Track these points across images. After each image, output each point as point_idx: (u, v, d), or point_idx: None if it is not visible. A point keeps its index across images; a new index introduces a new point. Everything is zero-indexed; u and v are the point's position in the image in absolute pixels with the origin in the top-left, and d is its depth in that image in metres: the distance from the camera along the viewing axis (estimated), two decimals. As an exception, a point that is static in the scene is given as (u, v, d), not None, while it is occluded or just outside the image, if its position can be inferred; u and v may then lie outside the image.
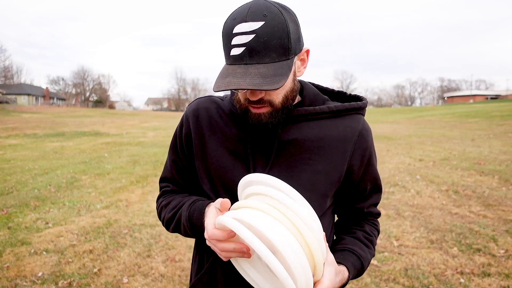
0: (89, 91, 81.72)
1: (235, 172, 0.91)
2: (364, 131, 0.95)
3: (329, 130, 0.92)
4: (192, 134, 0.98)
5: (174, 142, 1.03)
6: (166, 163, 1.07)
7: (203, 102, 1.01)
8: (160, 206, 1.03)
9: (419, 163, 8.09)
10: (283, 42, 0.78)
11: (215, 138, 0.95)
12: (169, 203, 1.00)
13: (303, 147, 0.90)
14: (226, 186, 0.92)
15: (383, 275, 3.05)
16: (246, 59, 0.78)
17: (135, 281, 3.05)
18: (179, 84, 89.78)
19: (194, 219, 0.88)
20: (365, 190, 0.99)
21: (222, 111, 0.98)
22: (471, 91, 73.81)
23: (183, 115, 1.03)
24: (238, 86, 0.75)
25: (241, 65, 0.78)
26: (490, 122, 16.91)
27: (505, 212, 4.55)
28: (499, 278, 2.95)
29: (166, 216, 0.98)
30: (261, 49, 0.77)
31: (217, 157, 0.94)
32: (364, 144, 0.95)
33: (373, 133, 1.04)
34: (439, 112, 28.37)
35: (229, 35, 0.79)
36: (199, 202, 0.90)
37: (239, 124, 0.94)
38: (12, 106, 37.17)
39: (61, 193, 6.01)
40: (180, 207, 0.95)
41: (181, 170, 1.02)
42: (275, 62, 0.78)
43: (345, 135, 0.92)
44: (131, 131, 18.46)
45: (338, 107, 0.93)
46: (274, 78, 0.76)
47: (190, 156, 1.00)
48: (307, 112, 0.92)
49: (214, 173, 0.94)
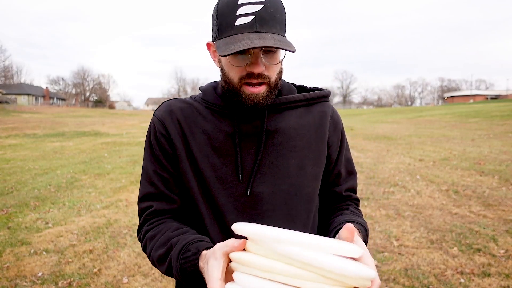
0: (89, 91, 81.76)
1: (225, 169, 0.90)
2: (334, 114, 1.01)
3: (306, 117, 0.97)
4: (171, 135, 0.91)
5: (150, 151, 0.94)
6: (144, 179, 0.94)
7: (174, 103, 0.95)
8: (145, 238, 0.91)
9: (419, 163, 8.09)
10: (282, 18, 0.83)
11: (197, 138, 0.91)
12: (155, 237, 0.88)
13: (288, 135, 0.93)
14: (216, 185, 0.90)
15: (383, 275, 3.05)
16: (256, 27, 0.78)
17: (135, 281, 3.05)
18: (179, 84, 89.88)
19: (187, 273, 0.77)
20: (340, 173, 1.01)
21: (197, 110, 0.94)
22: (471, 91, 73.81)
23: (151, 120, 0.95)
24: (262, 44, 0.74)
25: (251, 32, 0.78)
26: (490, 122, 16.91)
27: (505, 212, 4.55)
28: (499, 278, 2.95)
29: (153, 254, 0.86)
30: (269, 19, 0.79)
31: (203, 157, 0.90)
32: (337, 126, 1.01)
33: (373, 133, 1.05)
34: (439, 112, 28.37)
35: (233, 6, 0.79)
36: (191, 249, 0.78)
37: (220, 119, 0.92)
38: (12, 106, 37.17)
39: (61, 193, 6.01)
40: (168, 251, 0.83)
41: (166, 180, 0.92)
42: (279, 34, 0.81)
43: (320, 119, 0.98)
44: (131, 131, 18.46)
45: (311, 95, 0.99)
46: (287, 43, 0.79)
47: (173, 161, 0.92)
48: (288, 100, 0.95)
49: (203, 173, 0.90)
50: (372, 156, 9.29)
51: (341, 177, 1.01)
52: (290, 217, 0.92)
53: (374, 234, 3.99)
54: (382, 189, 5.91)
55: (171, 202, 0.93)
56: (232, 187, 0.90)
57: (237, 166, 0.90)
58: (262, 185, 0.90)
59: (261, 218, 0.90)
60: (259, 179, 0.90)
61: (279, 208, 0.91)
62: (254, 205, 0.90)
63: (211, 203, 0.91)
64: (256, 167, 0.89)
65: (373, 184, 6.26)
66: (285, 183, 0.91)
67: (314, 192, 0.96)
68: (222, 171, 0.90)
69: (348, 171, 1.04)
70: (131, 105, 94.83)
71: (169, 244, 0.83)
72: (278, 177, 0.91)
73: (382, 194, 5.64)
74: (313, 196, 0.96)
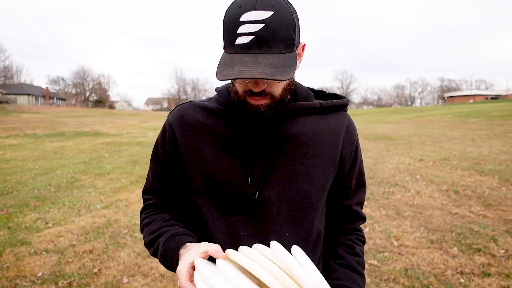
0: (89, 91, 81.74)
1: (233, 171, 0.90)
2: (350, 125, 0.99)
3: (321, 124, 0.95)
4: (178, 141, 0.94)
5: (156, 152, 1.00)
6: (148, 174, 1.04)
7: (186, 108, 0.97)
8: (142, 223, 1.01)
9: (419, 163, 8.09)
10: (289, 33, 0.78)
11: (207, 140, 0.92)
12: (150, 224, 0.97)
13: (300, 141, 0.92)
14: (224, 186, 0.91)
15: (383, 275, 3.05)
16: (255, 48, 0.75)
17: (135, 281, 3.05)
18: (179, 84, 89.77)
19: (168, 258, 0.86)
20: (352, 185, 1.01)
21: (209, 112, 0.95)
22: (471, 91, 73.79)
23: (164, 123, 0.99)
24: (251, 75, 0.72)
25: (249, 54, 0.75)
26: (490, 122, 16.90)
27: (505, 212, 4.55)
28: (499, 278, 2.95)
29: (146, 238, 0.96)
30: (270, 39, 0.75)
31: (213, 159, 0.91)
32: (352, 137, 0.99)
33: (373, 133, 1.05)
34: (439, 112, 28.37)
35: (235, 23, 0.76)
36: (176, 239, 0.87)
37: (232, 121, 0.92)
38: (12, 106, 37.17)
39: (61, 193, 6.01)
40: (158, 236, 0.92)
41: (164, 181, 0.99)
42: (282, 53, 0.77)
43: (335, 128, 0.96)
44: (131, 131, 18.45)
45: (328, 104, 0.96)
46: (284, 68, 0.75)
47: (175, 165, 0.96)
48: (303, 106, 0.94)
49: (212, 175, 0.91)
50: (372, 156, 9.29)
51: (351, 189, 1.01)
52: (294, 223, 0.92)
53: (374, 234, 3.99)
54: (382, 189, 5.91)
55: (166, 201, 1.01)
56: (240, 189, 0.90)
57: (246, 168, 0.90)
58: (270, 189, 0.90)
59: (266, 222, 0.90)
60: (268, 183, 0.90)
61: (284, 214, 0.91)
62: (261, 209, 0.90)
63: (218, 203, 0.91)
64: (267, 171, 0.89)
65: (373, 184, 6.26)
66: (291, 190, 0.91)
67: (319, 201, 0.95)
68: (230, 172, 0.90)
69: (359, 184, 1.03)
70: (131, 105, 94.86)
71: (160, 231, 0.92)
72: (285, 183, 0.90)
73: (382, 194, 5.64)
74: (319, 205, 0.95)
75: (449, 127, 16.80)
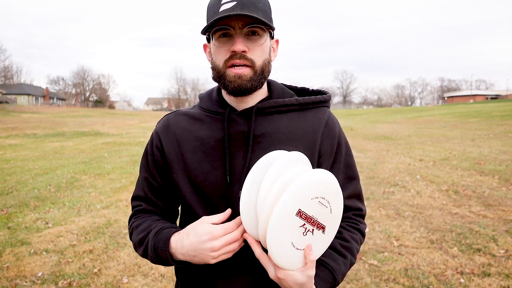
0: (89, 91, 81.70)
1: (215, 172, 0.93)
2: (330, 121, 0.99)
3: (298, 122, 0.96)
4: (164, 149, 0.99)
5: (145, 159, 1.04)
6: (138, 181, 1.07)
7: (172, 117, 1.03)
8: (131, 227, 1.02)
9: (419, 163, 8.09)
10: (266, 9, 0.89)
11: (190, 146, 0.97)
12: (140, 226, 0.99)
13: (276, 140, 0.94)
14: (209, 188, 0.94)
15: (383, 275, 3.05)
16: (237, 9, 0.83)
17: (135, 281, 3.05)
18: (179, 84, 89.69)
19: (159, 250, 0.88)
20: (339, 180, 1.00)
21: (192, 118, 1.00)
22: (471, 91, 73.76)
23: (152, 132, 1.05)
24: (234, 12, 0.81)
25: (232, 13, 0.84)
26: (490, 122, 16.90)
27: (505, 212, 4.55)
28: (499, 278, 2.95)
29: (135, 239, 0.97)
30: (251, 5, 0.85)
31: (196, 163, 0.95)
32: (332, 133, 0.99)
33: (373, 133, 1.04)
34: (439, 112, 28.35)
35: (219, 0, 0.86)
36: (165, 231, 0.91)
37: (211, 125, 0.97)
38: (12, 106, 37.15)
39: (61, 193, 6.01)
40: (147, 233, 0.94)
41: (153, 188, 1.02)
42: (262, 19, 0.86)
43: (313, 125, 0.97)
44: (131, 131, 18.46)
45: (305, 100, 0.98)
46: (266, 19, 0.86)
47: (163, 171, 1.00)
48: (277, 104, 0.95)
49: (197, 179, 0.95)
50: (372, 156, 9.29)
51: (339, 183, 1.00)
52: None
53: (374, 234, 3.99)
54: (382, 189, 5.91)
55: (156, 207, 1.03)
56: (223, 189, 0.93)
57: (225, 169, 0.93)
58: None
59: None
60: None
61: None
62: None
63: (206, 204, 0.95)
64: (245, 170, 0.92)
65: (373, 184, 6.26)
66: None
67: None
68: (212, 175, 0.94)
69: (348, 177, 1.02)
70: (131, 105, 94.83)
71: (149, 229, 0.95)
72: None
73: (382, 194, 5.64)
74: None
75: (449, 127, 16.80)
